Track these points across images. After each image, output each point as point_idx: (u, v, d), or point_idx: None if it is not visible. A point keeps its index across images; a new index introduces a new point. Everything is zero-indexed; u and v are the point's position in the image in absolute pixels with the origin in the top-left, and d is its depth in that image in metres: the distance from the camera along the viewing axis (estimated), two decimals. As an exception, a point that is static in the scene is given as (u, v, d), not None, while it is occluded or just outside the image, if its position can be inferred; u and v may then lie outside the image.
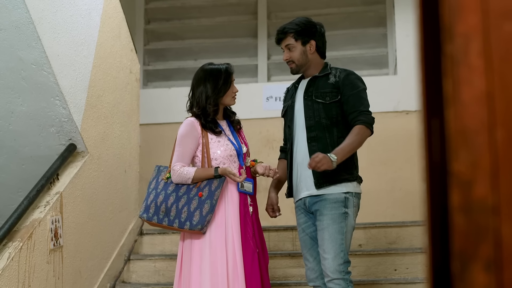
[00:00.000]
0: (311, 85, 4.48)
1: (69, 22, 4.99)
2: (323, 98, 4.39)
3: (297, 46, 4.49)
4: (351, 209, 4.28)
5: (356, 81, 4.43)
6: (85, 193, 5.23)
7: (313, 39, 4.50)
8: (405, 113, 7.50)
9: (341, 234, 4.21)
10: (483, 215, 1.18)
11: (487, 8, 1.21)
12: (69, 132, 5.04)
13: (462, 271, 1.19)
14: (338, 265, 4.17)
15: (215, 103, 4.44)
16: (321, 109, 4.37)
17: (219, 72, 4.48)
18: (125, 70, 6.12)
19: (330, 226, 4.22)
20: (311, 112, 4.40)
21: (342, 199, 4.27)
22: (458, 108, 1.20)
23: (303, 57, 4.50)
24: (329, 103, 4.36)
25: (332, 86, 4.40)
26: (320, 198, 4.30)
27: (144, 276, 5.94)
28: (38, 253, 4.52)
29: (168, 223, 4.33)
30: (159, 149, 7.68)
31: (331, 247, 4.19)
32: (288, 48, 4.52)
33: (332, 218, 4.23)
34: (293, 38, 4.48)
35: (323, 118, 4.35)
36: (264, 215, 4.71)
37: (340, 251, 4.18)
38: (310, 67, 4.54)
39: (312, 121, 4.38)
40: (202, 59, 8.30)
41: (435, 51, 1.26)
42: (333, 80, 4.42)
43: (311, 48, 4.50)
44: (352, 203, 4.29)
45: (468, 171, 1.19)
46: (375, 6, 8.35)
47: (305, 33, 4.49)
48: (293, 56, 4.50)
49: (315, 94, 4.42)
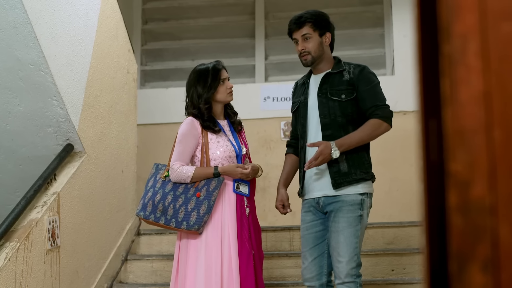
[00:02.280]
0: (325, 82, 4.38)
1: (66, 22, 4.99)
2: (339, 96, 4.30)
3: (314, 36, 4.37)
4: (365, 211, 4.25)
5: (370, 75, 4.37)
6: (82, 193, 5.22)
7: (329, 31, 4.43)
8: (403, 113, 7.50)
9: (356, 237, 4.17)
10: (480, 215, 1.18)
11: (485, 8, 1.21)
12: (67, 132, 5.03)
13: (460, 271, 1.18)
14: (351, 269, 4.14)
15: (206, 101, 4.44)
16: (336, 107, 4.29)
17: (206, 71, 4.49)
18: (123, 70, 6.12)
19: (345, 230, 4.17)
20: (326, 110, 4.31)
21: (359, 201, 4.22)
22: (455, 108, 1.20)
23: (320, 48, 4.38)
24: (345, 100, 4.29)
25: (347, 83, 4.31)
26: (336, 199, 4.23)
27: (141, 276, 5.94)
28: (35, 253, 4.51)
29: (165, 222, 4.34)
30: (156, 149, 7.69)
31: (345, 250, 4.15)
32: (304, 38, 4.36)
33: (348, 221, 4.18)
34: (311, 28, 4.36)
35: (339, 116, 4.28)
36: (261, 215, 4.71)
37: (354, 255, 4.15)
38: (323, 60, 4.43)
39: (327, 119, 4.30)
40: (199, 59, 8.29)
41: (432, 51, 1.26)
42: (348, 76, 4.33)
43: (327, 40, 4.41)
44: (367, 205, 4.26)
45: (466, 171, 1.19)
46: (373, 7, 8.36)
47: (322, 24, 4.40)
48: (310, 47, 4.36)
49: (330, 91, 4.33)
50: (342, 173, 4.22)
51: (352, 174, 4.21)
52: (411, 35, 7.51)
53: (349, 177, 4.21)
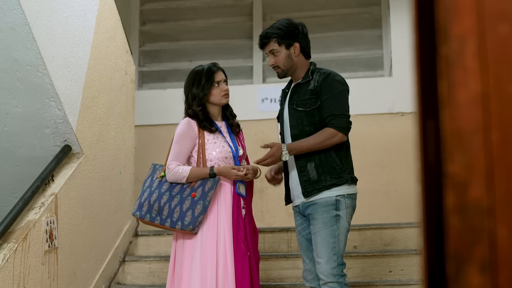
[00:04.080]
0: (295, 93, 4.43)
1: (64, 24, 4.99)
2: (304, 106, 4.33)
3: (281, 50, 4.40)
4: (343, 211, 4.24)
5: (333, 83, 4.34)
6: (80, 194, 5.22)
7: (296, 41, 4.42)
8: (400, 114, 7.50)
9: (333, 237, 4.18)
10: (478, 216, 1.18)
11: (482, 10, 1.21)
12: (64, 133, 5.03)
13: (457, 272, 1.19)
14: (332, 268, 4.16)
15: (199, 103, 4.46)
16: (303, 117, 4.33)
17: (201, 72, 4.50)
18: (120, 72, 6.12)
19: (322, 230, 4.20)
20: (294, 121, 4.37)
21: (333, 202, 4.23)
22: (453, 110, 1.20)
23: (289, 61, 4.41)
24: (310, 110, 4.31)
25: (311, 92, 4.33)
26: (311, 203, 4.28)
27: (139, 277, 5.94)
28: (33, 254, 4.51)
29: (160, 222, 4.35)
30: (154, 150, 7.68)
31: (323, 250, 4.18)
32: (272, 53, 4.43)
33: (324, 221, 4.21)
34: (276, 42, 4.40)
35: (306, 125, 4.31)
36: (259, 217, 4.71)
37: (333, 254, 4.16)
38: (296, 70, 4.46)
39: (296, 130, 4.36)
40: (197, 60, 8.30)
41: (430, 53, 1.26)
42: (313, 85, 4.34)
43: (296, 51, 4.42)
44: (344, 205, 4.25)
45: (463, 172, 1.19)
46: (371, 8, 8.36)
47: (288, 36, 4.41)
48: (278, 61, 4.42)
49: (297, 102, 4.37)
50: (312, 181, 4.26)
51: (322, 181, 4.24)
52: (409, 37, 7.52)
53: (318, 184, 4.25)
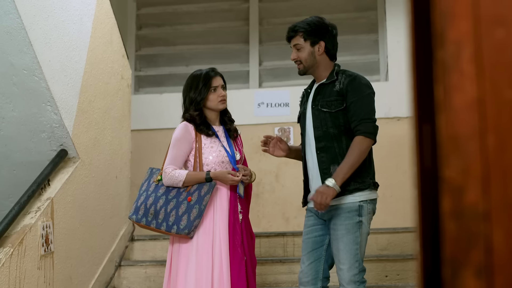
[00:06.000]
0: (319, 93, 4.36)
1: (60, 28, 4.99)
2: (329, 107, 4.26)
3: (305, 46, 4.36)
4: (365, 217, 4.19)
5: (360, 85, 4.30)
6: (76, 199, 5.22)
7: (322, 40, 4.38)
8: (397, 119, 7.51)
9: (356, 244, 4.13)
10: (474, 221, 1.18)
11: (478, 15, 1.21)
12: (60, 138, 5.03)
13: (453, 277, 1.19)
14: (353, 275, 4.12)
15: (196, 107, 4.47)
16: (327, 118, 4.26)
17: (199, 77, 4.51)
18: (117, 76, 6.12)
19: (344, 237, 4.14)
20: (318, 122, 4.29)
21: (356, 208, 4.17)
22: (449, 114, 1.20)
23: (311, 58, 4.36)
24: (335, 111, 4.24)
25: (337, 94, 4.27)
26: (333, 207, 4.18)
27: (135, 282, 5.93)
28: (29, 259, 4.50)
29: (156, 226, 4.35)
30: (150, 155, 7.68)
31: (346, 257, 4.12)
32: (296, 48, 4.38)
33: (347, 228, 4.15)
34: (302, 38, 4.36)
35: (331, 127, 4.24)
36: (255, 221, 4.70)
37: (355, 261, 4.12)
38: (318, 68, 4.40)
39: (320, 131, 4.28)
40: (193, 65, 8.31)
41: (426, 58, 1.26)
42: (338, 87, 4.29)
43: (320, 49, 4.36)
44: (366, 211, 4.20)
45: (459, 177, 1.19)
46: (367, 13, 8.37)
47: (315, 34, 4.37)
48: (301, 56, 4.36)
49: (321, 103, 4.30)
50: None
51: (345, 185, 4.14)
52: (405, 41, 7.53)
53: (342, 188, 4.13)
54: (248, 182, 4.48)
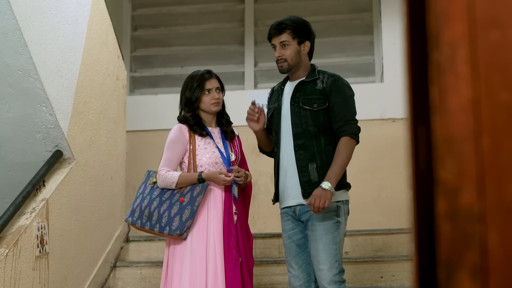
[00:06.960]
0: (298, 90, 4.34)
1: (56, 29, 4.98)
2: (311, 105, 4.26)
3: (292, 44, 4.33)
4: (342, 217, 4.21)
5: (343, 86, 4.30)
6: (71, 199, 5.21)
7: (308, 40, 4.38)
8: (392, 120, 7.52)
9: (335, 244, 4.14)
10: (469, 222, 1.19)
11: (473, 16, 1.22)
12: (56, 139, 5.02)
13: (448, 278, 1.19)
14: (334, 276, 4.12)
15: (189, 109, 4.47)
16: (308, 116, 4.25)
17: (194, 77, 4.52)
18: (112, 77, 6.11)
19: (323, 237, 4.15)
20: (298, 119, 4.28)
21: (335, 208, 4.18)
22: (444, 116, 1.21)
23: (297, 56, 4.34)
24: (316, 110, 4.24)
25: (320, 93, 4.26)
26: None
27: (130, 283, 5.93)
28: (24, 259, 4.50)
29: (150, 227, 4.36)
30: (145, 156, 7.68)
31: (325, 257, 4.13)
32: (282, 45, 4.33)
33: (326, 228, 4.15)
34: (291, 35, 4.33)
35: (311, 125, 4.24)
36: (250, 222, 4.70)
37: (335, 261, 4.13)
38: (299, 68, 4.38)
39: (299, 128, 4.26)
40: (188, 66, 8.31)
41: (421, 59, 1.26)
42: (321, 86, 4.28)
43: (305, 49, 4.36)
44: (343, 211, 4.22)
45: (454, 178, 1.20)
46: (362, 14, 8.38)
47: (302, 33, 4.36)
48: (287, 54, 4.33)
49: (303, 100, 4.29)
50: (312, 183, 4.19)
51: None
52: (400, 43, 7.54)
53: None
54: (243, 183, 4.47)
